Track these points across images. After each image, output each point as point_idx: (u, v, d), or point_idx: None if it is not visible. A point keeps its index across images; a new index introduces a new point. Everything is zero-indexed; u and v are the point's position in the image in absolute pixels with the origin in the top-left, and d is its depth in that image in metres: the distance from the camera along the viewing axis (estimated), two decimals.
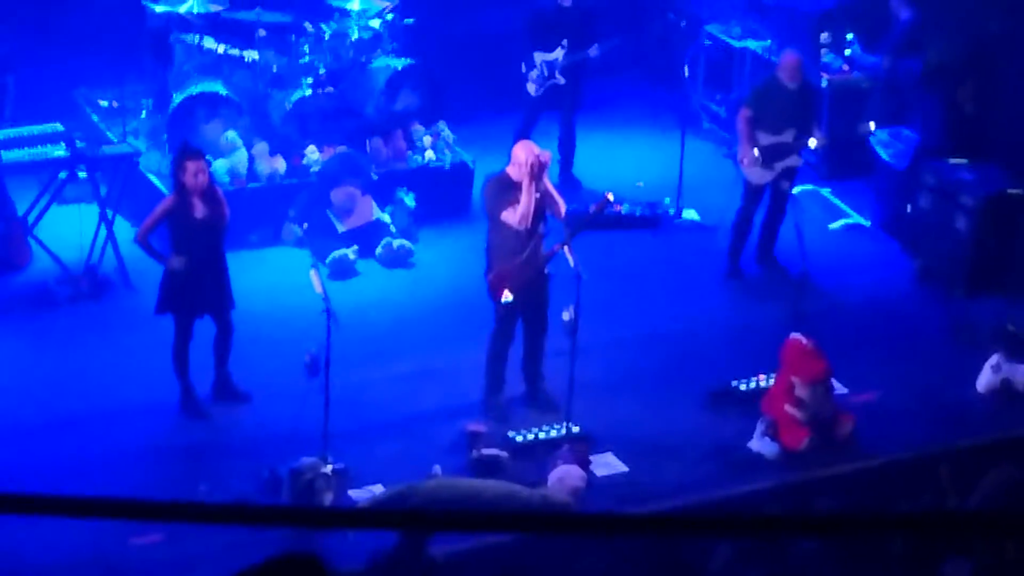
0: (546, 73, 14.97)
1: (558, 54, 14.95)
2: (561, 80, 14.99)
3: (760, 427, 11.66)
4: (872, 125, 14.41)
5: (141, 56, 14.96)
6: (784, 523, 4.15)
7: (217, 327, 11.78)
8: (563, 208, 11.64)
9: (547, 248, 11.57)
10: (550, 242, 11.58)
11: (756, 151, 13.52)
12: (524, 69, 15.01)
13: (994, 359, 12.46)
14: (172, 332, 11.65)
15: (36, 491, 4.47)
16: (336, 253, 13.78)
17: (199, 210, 11.48)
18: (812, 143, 13.68)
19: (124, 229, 13.63)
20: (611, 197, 11.88)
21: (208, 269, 11.59)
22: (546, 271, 11.66)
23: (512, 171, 11.51)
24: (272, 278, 13.51)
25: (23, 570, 10.23)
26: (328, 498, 10.77)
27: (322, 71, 14.60)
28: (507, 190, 11.48)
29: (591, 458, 11.35)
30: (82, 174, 13.58)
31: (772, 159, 13.57)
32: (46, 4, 15.31)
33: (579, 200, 13.85)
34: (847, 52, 15.56)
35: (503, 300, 11.59)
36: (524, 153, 11.49)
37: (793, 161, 13.66)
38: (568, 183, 15.12)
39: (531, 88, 15.02)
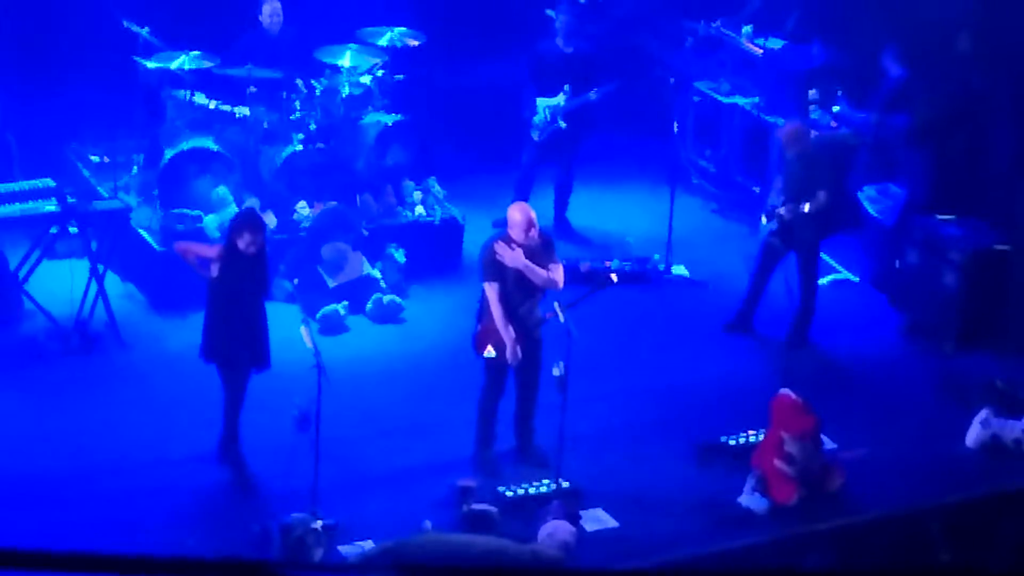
0: (549, 118, 15.06)
1: (560, 99, 15.04)
2: (563, 124, 15.08)
3: (750, 482, 11.66)
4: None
5: (132, 112, 15.01)
6: None
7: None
8: (560, 280, 11.59)
9: (543, 311, 11.59)
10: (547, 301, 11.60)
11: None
12: (528, 114, 15.12)
13: (983, 414, 12.48)
14: (219, 386, 11.61)
15: (23, 546, 4.47)
16: (326, 308, 13.80)
17: (243, 271, 11.45)
18: (806, 207, 13.35)
19: (115, 284, 13.64)
20: (615, 278, 12.03)
21: (248, 327, 11.58)
22: (538, 334, 11.66)
23: (511, 232, 11.57)
24: None
25: None
26: (318, 554, 10.75)
27: (313, 127, 14.65)
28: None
29: (581, 513, 11.34)
30: (73, 229, 13.58)
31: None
32: (37, 60, 15.36)
33: (574, 244, 13.93)
34: (835, 108, 15.62)
35: (486, 355, 11.60)
36: (517, 214, 11.56)
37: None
38: (561, 225, 15.39)
39: (534, 134, 15.11)
